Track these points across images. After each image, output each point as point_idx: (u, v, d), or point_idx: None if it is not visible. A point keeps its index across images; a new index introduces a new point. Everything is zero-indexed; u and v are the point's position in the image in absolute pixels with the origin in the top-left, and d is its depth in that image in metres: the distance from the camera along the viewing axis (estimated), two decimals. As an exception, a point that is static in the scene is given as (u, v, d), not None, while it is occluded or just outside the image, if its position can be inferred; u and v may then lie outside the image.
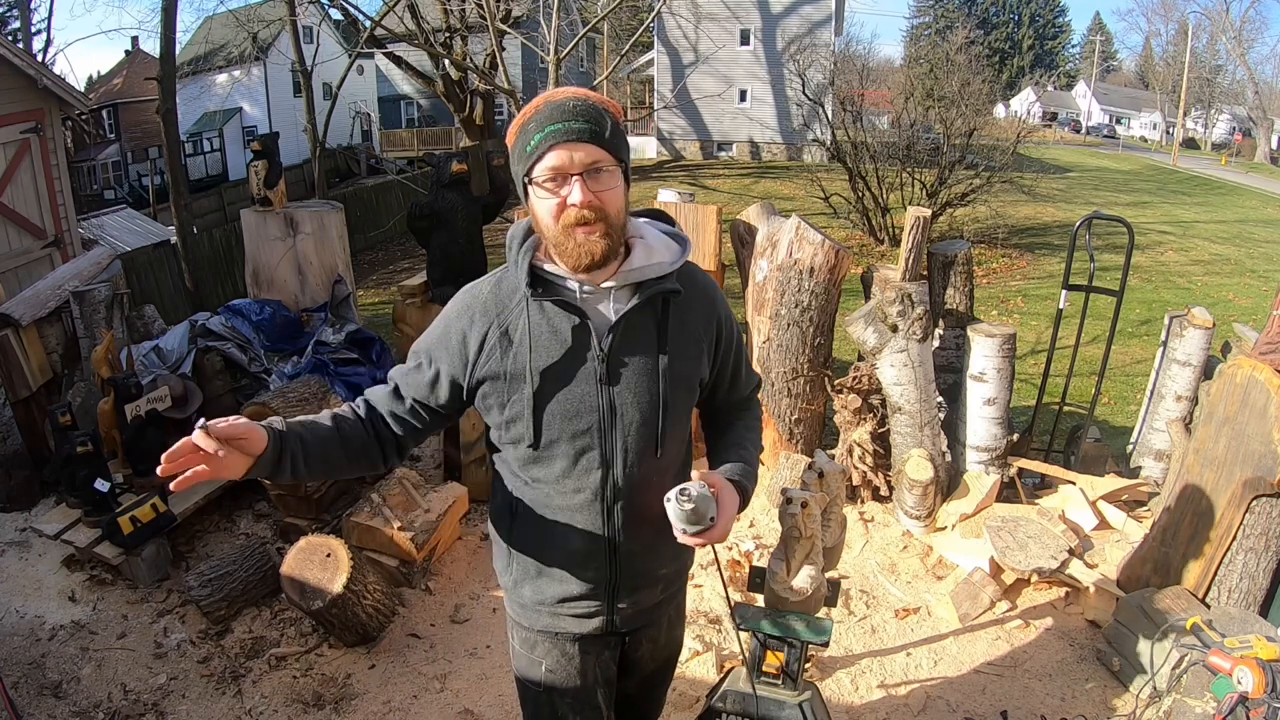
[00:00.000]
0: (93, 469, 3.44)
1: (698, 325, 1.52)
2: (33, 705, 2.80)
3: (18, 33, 21.54)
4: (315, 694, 2.86)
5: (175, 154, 11.59)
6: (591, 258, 1.37)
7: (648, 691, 1.86)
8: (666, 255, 1.47)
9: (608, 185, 1.36)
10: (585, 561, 1.53)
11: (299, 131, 20.38)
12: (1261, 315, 8.86)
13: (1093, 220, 4.19)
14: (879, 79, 25.76)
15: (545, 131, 1.33)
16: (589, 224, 1.35)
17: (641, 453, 1.48)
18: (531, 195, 1.39)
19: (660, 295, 1.45)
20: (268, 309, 4.70)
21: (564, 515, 1.51)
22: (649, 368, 1.46)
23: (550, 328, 1.43)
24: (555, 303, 1.42)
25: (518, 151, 1.39)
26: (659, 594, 1.65)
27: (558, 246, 1.38)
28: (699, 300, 1.53)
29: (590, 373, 1.43)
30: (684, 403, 1.53)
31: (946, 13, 49.37)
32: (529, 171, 1.36)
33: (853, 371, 3.83)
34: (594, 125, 1.34)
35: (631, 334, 1.45)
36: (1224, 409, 2.82)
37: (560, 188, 1.35)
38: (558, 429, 1.45)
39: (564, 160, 1.33)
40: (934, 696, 2.78)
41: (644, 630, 1.69)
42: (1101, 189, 22.58)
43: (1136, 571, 3.05)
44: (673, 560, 1.64)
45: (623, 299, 1.45)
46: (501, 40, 13.66)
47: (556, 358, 1.43)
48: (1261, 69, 46.44)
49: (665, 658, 1.83)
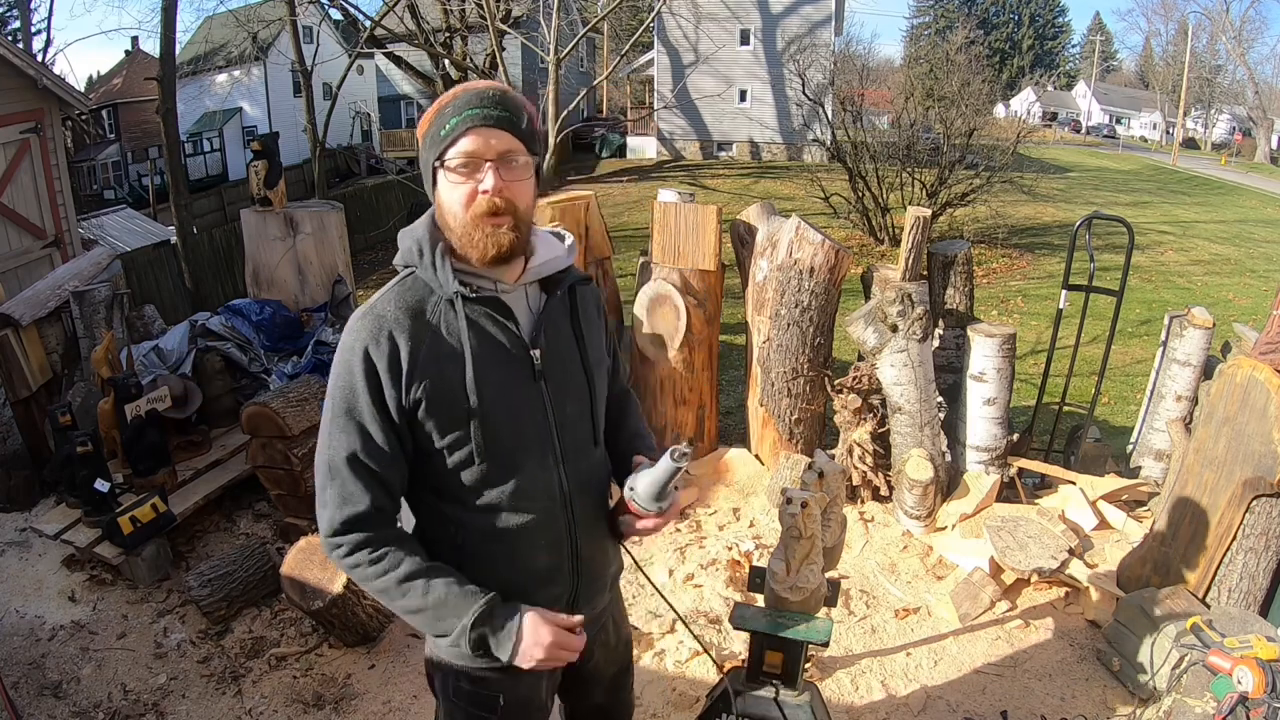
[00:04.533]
0: (93, 469, 3.44)
1: (595, 315, 1.56)
2: (33, 705, 2.80)
3: (18, 33, 21.56)
4: (315, 694, 2.86)
5: (175, 154, 11.61)
6: (499, 249, 1.32)
7: (615, 695, 1.82)
8: (559, 249, 1.47)
9: (520, 176, 1.33)
10: (551, 578, 1.47)
11: (299, 131, 20.38)
12: (1261, 315, 8.85)
13: (1093, 220, 4.19)
14: (879, 79, 25.74)
15: (462, 115, 1.30)
16: (499, 214, 1.31)
17: (583, 446, 1.48)
18: (441, 181, 1.34)
19: (569, 287, 1.46)
20: (268, 309, 4.70)
21: (525, 534, 1.42)
22: (574, 359, 1.46)
23: (481, 330, 1.36)
24: (482, 303, 1.36)
25: (431, 137, 1.33)
26: (606, 597, 1.64)
27: (465, 237, 1.33)
28: (591, 292, 1.56)
29: (527, 373, 1.40)
30: (604, 389, 1.54)
31: (946, 13, 49.35)
32: (441, 155, 1.32)
33: (853, 371, 3.83)
34: (512, 115, 1.32)
35: (554, 328, 1.44)
36: (1224, 409, 2.82)
37: (473, 174, 1.31)
38: (509, 437, 1.38)
39: (479, 145, 1.30)
40: (934, 696, 2.78)
41: (594, 638, 1.63)
42: (1101, 189, 22.57)
43: (1136, 571, 3.06)
44: (615, 558, 1.64)
45: (535, 294, 1.45)
46: (501, 40, 13.66)
47: (493, 361, 1.36)
48: (1261, 69, 46.54)
49: (622, 659, 1.80)
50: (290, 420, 3.61)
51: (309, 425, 3.69)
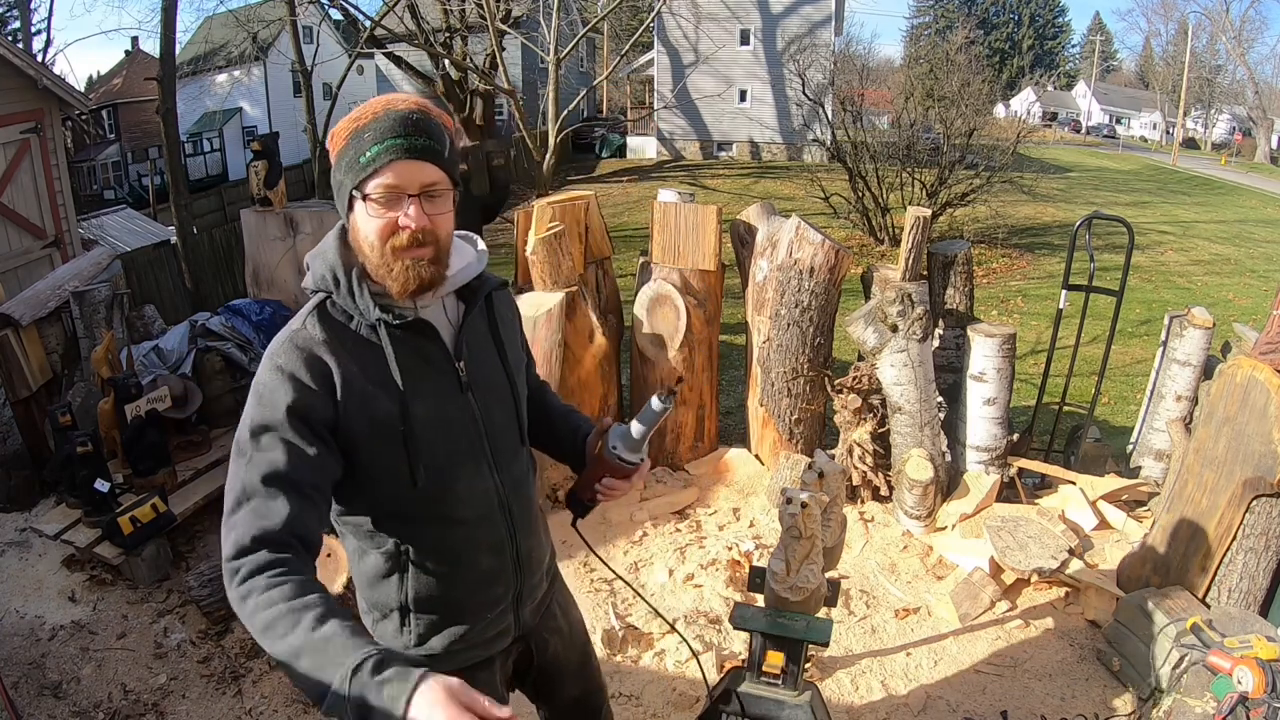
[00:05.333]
0: (93, 469, 3.44)
1: (510, 314, 1.57)
2: (33, 705, 2.80)
3: (18, 33, 21.54)
4: (315, 694, 2.86)
5: (175, 154, 11.59)
6: (420, 282, 1.29)
7: (585, 681, 1.81)
8: (470, 255, 1.44)
9: (442, 209, 1.30)
10: (495, 578, 1.49)
11: (299, 131, 20.37)
12: (1261, 315, 8.86)
13: (1093, 220, 4.19)
14: (879, 79, 25.76)
15: (384, 144, 1.24)
16: (420, 246, 1.27)
17: (513, 449, 1.50)
18: (358, 210, 1.29)
19: (486, 296, 1.46)
20: (268, 309, 4.70)
21: (469, 542, 1.43)
22: (496, 366, 1.47)
23: (405, 353, 1.34)
24: (401, 325, 1.32)
25: (348, 159, 1.27)
26: (545, 583, 1.66)
27: (384, 268, 1.29)
28: (506, 298, 1.56)
29: (454, 386, 1.39)
30: (524, 390, 1.56)
31: (946, 13, 49.37)
32: (360, 184, 1.26)
33: (853, 371, 3.83)
34: (435, 143, 1.27)
35: (475, 337, 1.44)
36: (1224, 409, 2.82)
37: (392, 208, 1.26)
38: (444, 451, 1.37)
39: (402, 179, 1.25)
40: (934, 696, 2.78)
41: (543, 625, 1.66)
42: (1101, 189, 22.57)
43: (1136, 571, 3.06)
44: (547, 547, 1.66)
45: (453, 305, 1.43)
46: (501, 40, 13.67)
47: (421, 379, 1.35)
48: (1261, 69, 46.47)
49: (579, 645, 1.79)
50: (290, 420, 3.60)
51: (309, 425, 3.69)
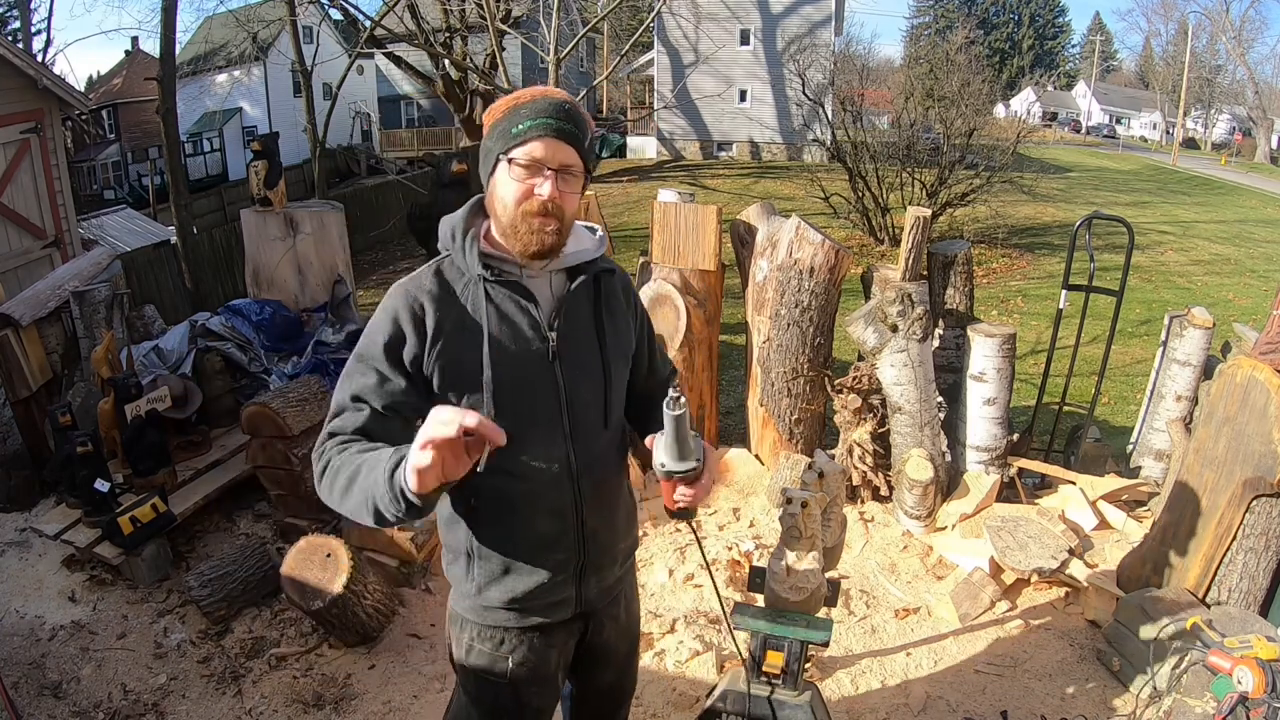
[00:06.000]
0: (93, 469, 3.44)
1: (622, 303, 1.65)
2: (33, 705, 2.80)
3: (18, 33, 21.53)
4: (315, 694, 2.86)
5: (175, 154, 11.60)
6: (541, 246, 1.44)
7: (623, 675, 1.90)
8: (589, 242, 1.59)
9: (573, 189, 1.46)
10: (555, 543, 1.56)
11: (299, 131, 20.36)
12: (1261, 315, 8.86)
13: (1093, 220, 4.19)
14: (879, 79, 25.75)
15: (537, 121, 1.41)
16: (547, 215, 1.43)
17: (594, 425, 1.57)
18: (501, 172, 1.45)
19: (594, 275, 1.57)
20: (268, 309, 4.70)
21: (530, 499, 1.53)
22: (591, 344, 1.56)
23: (502, 310, 1.48)
24: (505, 284, 1.48)
25: (501, 129, 1.44)
26: (618, 570, 1.72)
27: (511, 228, 1.45)
28: (621, 281, 1.67)
29: (542, 353, 1.50)
30: (621, 375, 1.64)
31: (946, 13, 49.35)
32: (508, 150, 1.42)
33: (853, 371, 3.83)
34: (581, 133, 1.45)
35: (574, 312, 1.54)
36: (1224, 409, 2.82)
37: (532, 176, 1.42)
38: (520, 410, 1.48)
39: (546, 154, 1.41)
40: (934, 696, 2.77)
41: (605, 610, 1.73)
42: (1101, 189, 22.56)
43: (1136, 571, 3.06)
44: (627, 534, 1.72)
45: (560, 281, 1.55)
46: (501, 40, 13.66)
47: (510, 339, 1.48)
48: (1261, 69, 46.52)
49: (632, 637, 1.88)
50: (290, 420, 3.61)
51: (309, 425, 3.69)
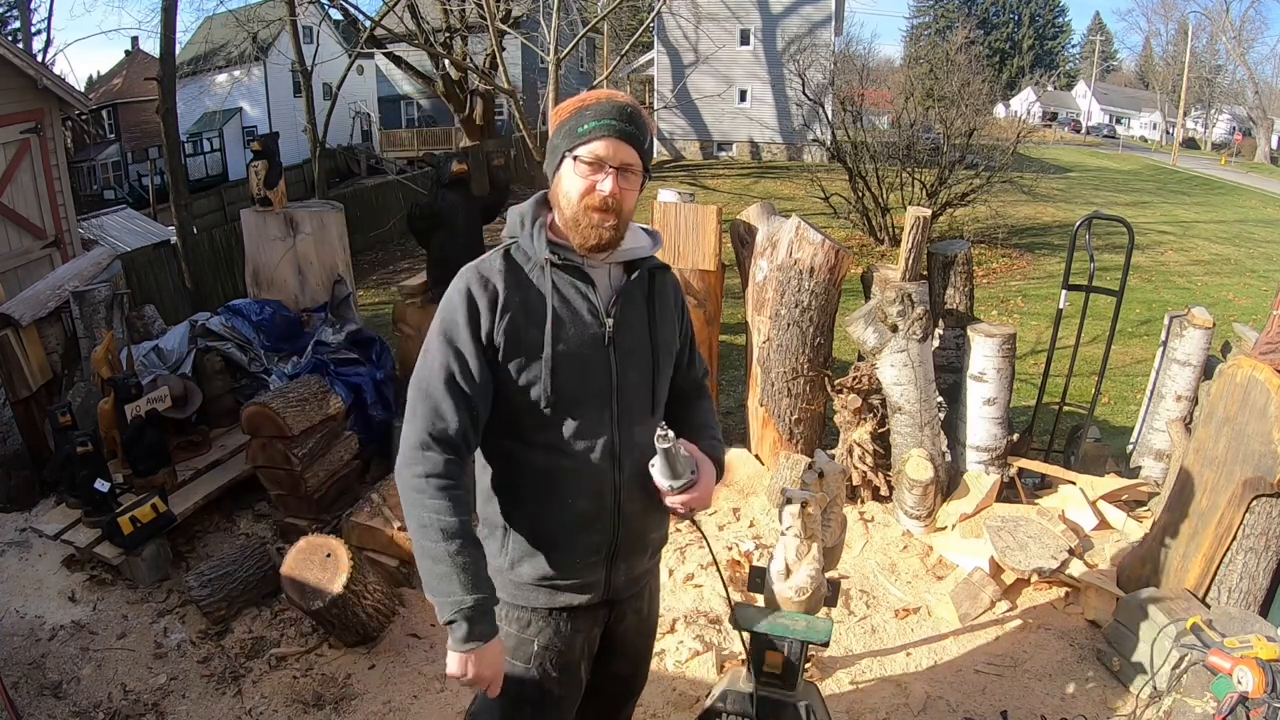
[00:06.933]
0: (93, 469, 3.44)
1: (670, 300, 1.75)
2: (33, 705, 2.80)
3: (18, 33, 21.52)
4: (315, 694, 2.86)
5: (175, 154, 11.59)
6: (599, 240, 1.55)
7: (635, 668, 1.94)
8: (645, 240, 1.69)
9: (632, 186, 1.57)
10: (591, 523, 1.62)
11: (299, 131, 20.34)
12: (1261, 315, 8.86)
13: (1093, 220, 4.19)
14: (879, 79, 25.73)
15: (603, 122, 1.52)
16: (607, 211, 1.53)
17: (640, 413, 1.64)
18: (566, 168, 1.56)
19: (649, 271, 1.66)
20: (268, 309, 4.70)
21: (571, 477, 1.59)
22: (643, 334, 1.65)
23: (564, 294, 1.58)
24: (569, 270, 1.58)
25: (568, 127, 1.55)
26: (647, 560, 1.78)
27: (573, 221, 1.56)
28: (671, 280, 1.77)
29: (599, 337, 1.59)
30: (667, 366, 1.72)
31: (946, 13, 49.33)
32: (574, 148, 1.53)
33: (853, 371, 3.83)
34: (642, 134, 1.56)
35: (629, 302, 1.64)
36: (1224, 409, 2.82)
37: (595, 173, 1.53)
38: (573, 388, 1.57)
39: (609, 152, 1.53)
40: (934, 696, 2.77)
41: (629, 601, 1.78)
42: (1101, 189, 22.57)
43: (1136, 571, 3.06)
44: (659, 526, 1.78)
45: (617, 273, 1.65)
46: (501, 40, 13.64)
47: (571, 320, 1.57)
48: (1261, 69, 46.41)
49: (649, 631, 1.93)
50: (290, 420, 3.61)
51: (309, 425, 3.70)
